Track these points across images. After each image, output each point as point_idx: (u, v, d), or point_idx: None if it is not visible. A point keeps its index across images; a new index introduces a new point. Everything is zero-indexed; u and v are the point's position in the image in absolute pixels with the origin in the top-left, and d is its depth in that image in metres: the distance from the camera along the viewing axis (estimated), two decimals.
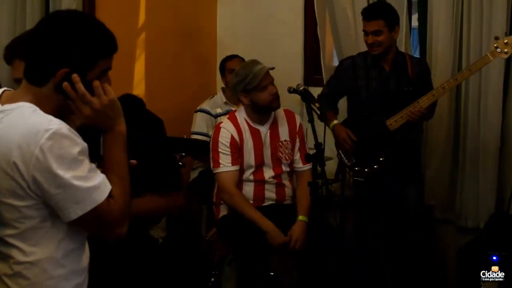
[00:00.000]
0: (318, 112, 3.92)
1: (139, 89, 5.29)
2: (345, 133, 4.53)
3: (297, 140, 4.37)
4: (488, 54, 4.15)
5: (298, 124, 4.40)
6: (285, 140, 4.32)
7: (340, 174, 4.79)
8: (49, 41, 1.99)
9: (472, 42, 4.77)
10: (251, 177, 4.23)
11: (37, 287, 2.01)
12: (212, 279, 4.35)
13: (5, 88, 2.14)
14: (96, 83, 2.02)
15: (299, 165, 4.35)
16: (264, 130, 4.28)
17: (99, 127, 2.05)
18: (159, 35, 5.53)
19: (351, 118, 4.70)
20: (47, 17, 2.09)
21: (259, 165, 4.24)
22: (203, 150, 4.97)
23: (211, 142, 4.24)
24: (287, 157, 4.31)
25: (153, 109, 5.04)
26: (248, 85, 4.13)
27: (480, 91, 4.75)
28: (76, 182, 1.92)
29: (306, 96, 3.88)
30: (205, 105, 5.35)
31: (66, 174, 1.91)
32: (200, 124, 5.26)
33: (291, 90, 4.05)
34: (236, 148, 4.18)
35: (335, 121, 4.61)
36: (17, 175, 1.91)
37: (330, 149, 4.93)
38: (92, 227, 2.04)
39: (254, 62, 4.23)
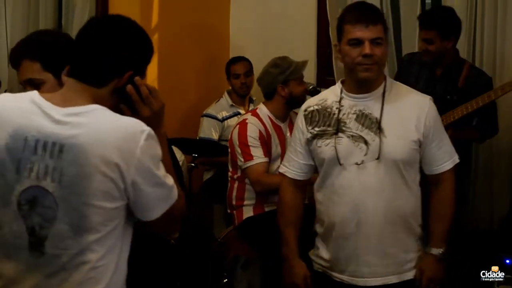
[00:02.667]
0: None
1: None
2: None
3: None
4: None
5: None
6: None
7: None
8: (115, 44, 2.05)
9: (485, 42, 4.76)
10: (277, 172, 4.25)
11: None
12: (224, 280, 4.35)
13: (36, 91, 2.10)
14: (152, 87, 2.11)
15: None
16: (284, 127, 4.35)
17: (153, 128, 2.07)
18: (172, 35, 5.54)
19: None
20: (103, 20, 2.19)
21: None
22: (212, 149, 5.00)
23: (236, 138, 4.24)
24: None
25: (166, 110, 5.06)
26: (291, 75, 4.29)
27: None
28: (166, 180, 2.03)
29: (314, 94, 3.93)
30: (211, 110, 5.37)
31: (159, 172, 2.01)
32: (206, 129, 5.28)
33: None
34: (265, 143, 4.22)
35: None
36: (117, 176, 1.95)
37: None
38: (165, 224, 2.12)
39: (286, 57, 4.40)
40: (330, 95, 3.00)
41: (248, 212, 4.28)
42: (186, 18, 5.72)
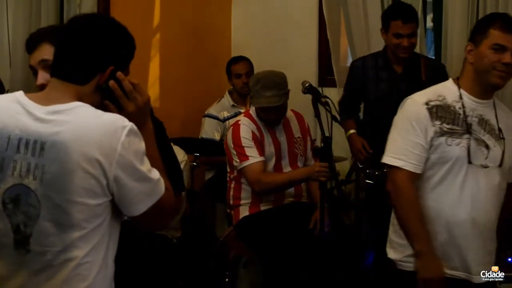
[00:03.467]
0: (332, 112, 3.95)
1: (154, 90, 5.31)
2: (360, 143, 4.52)
3: (308, 138, 4.45)
4: None
5: (306, 124, 4.50)
6: (298, 137, 4.40)
7: (353, 175, 4.77)
8: (95, 40, 2.05)
9: None
10: (272, 171, 4.27)
11: (95, 285, 2.03)
12: (226, 280, 4.36)
13: (21, 92, 2.11)
14: (135, 82, 2.10)
15: (312, 162, 4.40)
16: (277, 128, 4.33)
17: (137, 123, 2.06)
18: (173, 36, 5.55)
19: (364, 120, 4.69)
20: (84, 18, 2.14)
21: (279, 158, 4.28)
22: (214, 148, 5.01)
23: (230, 139, 4.24)
24: (302, 153, 4.38)
25: (168, 109, 5.08)
26: (252, 100, 4.30)
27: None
28: (150, 175, 2.02)
29: (312, 91, 3.93)
30: (212, 110, 5.37)
31: (142, 167, 2.00)
32: (208, 130, 5.28)
33: (306, 91, 4.09)
34: (258, 142, 4.21)
35: (352, 131, 4.59)
36: (99, 173, 1.95)
37: (343, 149, 4.92)
38: (153, 219, 2.11)
39: (269, 84, 4.16)
40: (447, 93, 3.01)
41: (244, 212, 4.28)
42: (188, 18, 5.73)
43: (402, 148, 2.98)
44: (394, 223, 3.09)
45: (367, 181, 4.53)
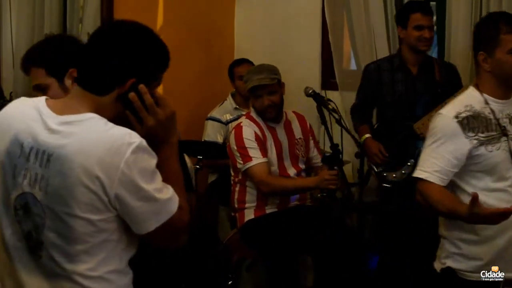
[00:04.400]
0: (337, 117, 3.96)
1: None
2: (377, 148, 4.51)
3: (310, 138, 4.44)
4: None
5: (308, 124, 4.48)
6: (299, 138, 4.39)
7: (365, 178, 4.75)
8: (117, 50, 1.99)
9: None
10: (277, 173, 4.27)
11: None
12: (230, 282, 4.35)
13: (46, 97, 2.11)
14: (160, 94, 2.05)
15: (318, 160, 4.42)
16: (279, 128, 4.34)
17: (157, 139, 2.03)
18: (176, 38, 5.53)
19: (379, 124, 4.69)
20: (109, 27, 2.12)
21: (281, 161, 4.28)
22: (217, 151, 5.01)
23: (233, 141, 4.24)
24: (303, 154, 4.38)
25: None
26: (247, 85, 4.28)
27: None
28: (157, 194, 1.94)
29: (316, 98, 3.94)
30: (215, 113, 5.36)
31: (149, 186, 1.92)
32: (211, 133, 5.28)
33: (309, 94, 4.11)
34: (261, 143, 4.21)
35: (367, 135, 4.58)
36: (100, 189, 1.90)
37: (347, 153, 4.91)
38: (163, 238, 2.04)
39: (261, 69, 4.30)
40: (473, 101, 2.99)
41: (249, 215, 4.28)
42: (191, 20, 5.72)
43: (431, 162, 2.97)
44: (447, 235, 3.08)
45: (384, 184, 4.53)
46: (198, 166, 4.78)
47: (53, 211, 1.94)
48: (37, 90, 2.62)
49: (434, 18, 5.22)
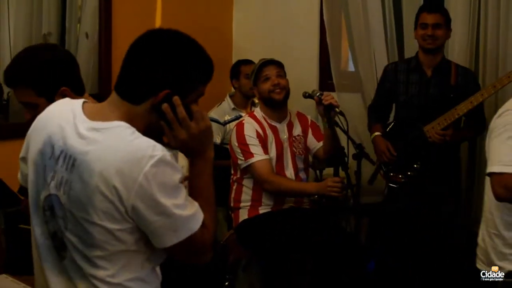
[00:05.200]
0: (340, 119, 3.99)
1: None
2: (385, 146, 4.53)
3: (309, 131, 4.43)
4: None
5: (309, 120, 4.49)
6: (298, 135, 4.39)
7: (372, 177, 4.75)
8: (155, 60, 1.97)
9: (488, 45, 4.74)
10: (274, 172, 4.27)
11: None
12: (226, 283, 4.35)
13: (84, 100, 2.11)
14: (196, 107, 2.03)
15: (315, 144, 4.40)
16: (281, 127, 4.34)
17: (190, 152, 2.03)
18: None
19: (393, 124, 4.72)
20: (150, 34, 2.05)
21: (280, 159, 4.28)
22: (215, 152, 5.00)
23: (235, 138, 4.25)
24: (301, 152, 4.37)
25: None
26: (254, 77, 4.32)
27: (497, 95, 4.70)
28: (176, 211, 1.90)
29: (323, 104, 3.96)
30: (213, 113, 5.35)
31: (167, 202, 1.89)
32: None
33: (306, 95, 4.11)
34: (263, 141, 4.22)
35: (377, 133, 4.61)
36: (116, 199, 1.88)
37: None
38: (183, 254, 2.02)
39: (268, 60, 4.38)
40: None
41: (244, 215, 4.29)
42: (189, 21, 5.71)
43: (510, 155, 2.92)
44: (503, 235, 3.06)
45: (390, 184, 4.54)
46: None
47: (74, 215, 1.95)
48: (24, 106, 2.59)
49: None
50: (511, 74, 4.15)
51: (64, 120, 2.01)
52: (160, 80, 1.96)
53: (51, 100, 2.47)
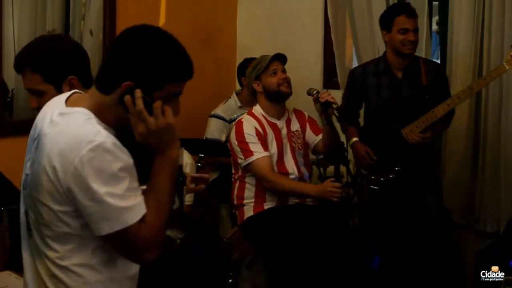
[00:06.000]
0: (337, 115, 3.97)
1: None
2: (364, 151, 4.49)
3: (307, 125, 4.45)
4: (504, 64, 4.09)
5: (306, 115, 4.51)
6: (296, 130, 4.41)
7: (357, 180, 4.75)
8: (123, 52, 1.99)
9: (493, 46, 4.71)
10: (275, 170, 4.27)
11: None
12: (230, 281, 4.35)
13: (75, 90, 2.17)
14: (157, 103, 1.98)
15: (314, 138, 4.42)
16: (280, 124, 4.36)
17: (151, 148, 2.02)
18: (178, 37, 5.50)
19: (366, 127, 4.69)
20: (131, 29, 2.06)
21: (281, 155, 4.29)
22: (219, 149, 5.01)
23: (234, 136, 4.26)
24: (300, 147, 4.39)
25: None
26: (259, 70, 4.31)
27: (502, 94, 4.69)
28: (109, 199, 1.89)
29: (320, 101, 3.97)
30: (219, 111, 5.36)
31: (101, 189, 1.88)
32: (214, 130, 5.28)
33: (309, 93, 4.12)
34: (262, 138, 4.23)
35: (355, 139, 4.56)
36: (56, 180, 1.92)
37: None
38: (121, 247, 2.00)
39: (263, 56, 4.39)
40: None
41: (248, 212, 4.29)
42: (193, 19, 5.73)
43: None
44: None
45: (371, 186, 4.52)
46: (199, 164, 4.79)
47: (32, 194, 2.02)
48: (31, 93, 2.60)
49: (437, 18, 5.25)
50: (487, 76, 4.18)
51: (51, 106, 2.09)
52: (125, 72, 1.97)
53: (58, 88, 2.48)
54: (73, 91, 2.16)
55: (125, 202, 1.91)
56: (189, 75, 2.08)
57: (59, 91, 2.49)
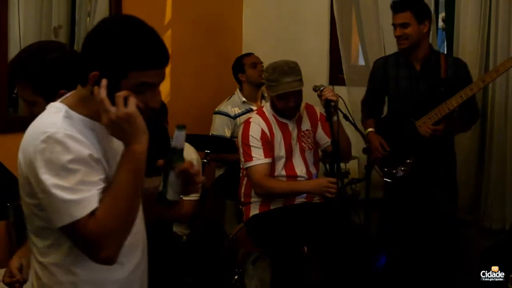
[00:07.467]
0: (343, 112, 3.97)
1: (164, 86, 5.30)
2: (378, 142, 4.50)
3: (319, 125, 4.41)
4: None
5: (318, 113, 4.45)
6: (306, 130, 4.38)
7: (368, 174, 4.75)
8: (91, 42, 1.96)
9: (499, 42, 4.71)
10: (283, 172, 4.26)
11: None
12: (236, 277, 4.35)
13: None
14: (120, 93, 1.91)
15: (325, 140, 4.37)
16: (291, 125, 4.32)
17: (118, 139, 1.97)
18: (185, 32, 5.55)
19: (385, 118, 4.69)
20: (103, 18, 2.02)
21: (289, 157, 4.27)
22: (225, 146, 5.02)
23: (240, 136, 4.26)
24: (310, 146, 4.36)
25: (178, 106, 5.08)
26: (270, 89, 4.21)
27: (508, 92, 4.69)
28: (55, 191, 1.85)
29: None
30: (223, 107, 5.36)
31: (49, 180, 1.85)
32: (218, 127, 5.28)
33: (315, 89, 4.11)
34: (267, 142, 4.20)
35: (370, 129, 4.59)
36: (21, 173, 1.96)
37: (355, 149, 4.91)
38: (74, 242, 1.93)
39: (286, 70, 4.14)
40: None
41: (254, 209, 4.28)
42: (199, 15, 5.73)
43: None
44: None
45: (385, 179, 4.52)
46: (205, 160, 4.79)
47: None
48: (23, 101, 2.59)
49: (443, 14, 5.22)
50: (499, 68, 4.15)
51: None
52: (92, 62, 1.93)
53: (48, 100, 2.46)
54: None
55: (74, 195, 1.85)
56: (158, 63, 1.95)
57: (48, 102, 2.47)
